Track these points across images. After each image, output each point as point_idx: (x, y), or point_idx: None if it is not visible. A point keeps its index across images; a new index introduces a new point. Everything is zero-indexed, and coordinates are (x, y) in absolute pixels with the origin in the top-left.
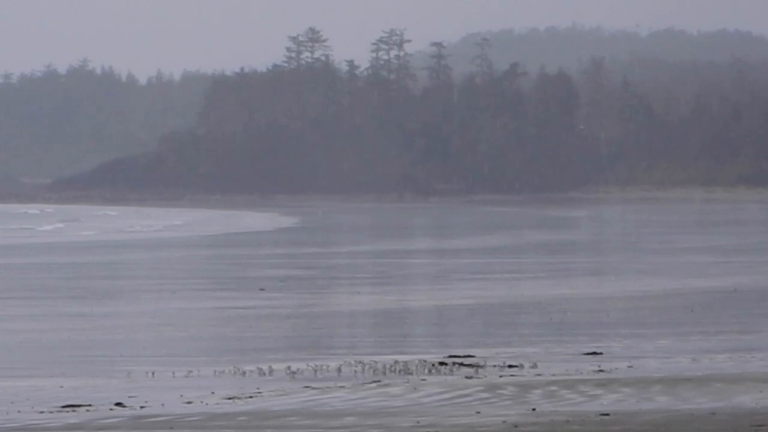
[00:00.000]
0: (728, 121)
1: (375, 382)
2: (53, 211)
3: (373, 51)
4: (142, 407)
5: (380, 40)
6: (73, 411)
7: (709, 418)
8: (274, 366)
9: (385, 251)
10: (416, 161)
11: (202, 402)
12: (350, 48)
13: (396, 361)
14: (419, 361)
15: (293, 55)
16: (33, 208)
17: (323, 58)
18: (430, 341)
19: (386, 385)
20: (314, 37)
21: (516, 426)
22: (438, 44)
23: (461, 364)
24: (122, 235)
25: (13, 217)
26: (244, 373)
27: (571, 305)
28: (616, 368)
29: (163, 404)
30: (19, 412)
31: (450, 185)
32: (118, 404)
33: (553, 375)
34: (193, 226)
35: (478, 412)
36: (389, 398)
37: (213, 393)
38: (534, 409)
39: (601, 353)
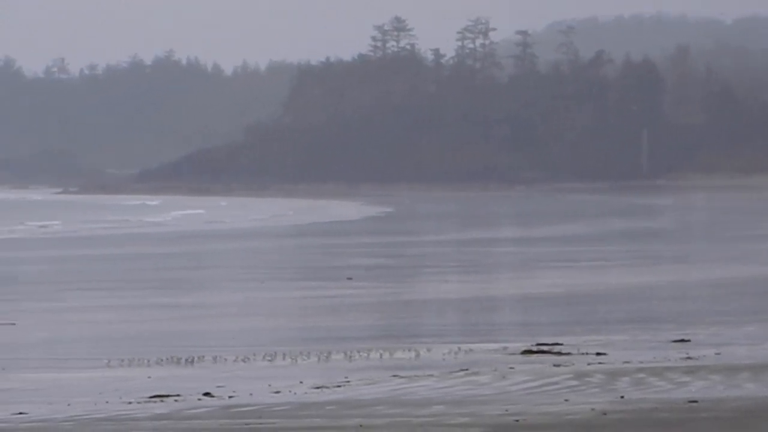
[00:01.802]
0: None
1: (463, 370)
2: (161, 203)
3: (458, 40)
4: (230, 397)
5: (466, 29)
6: (161, 401)
7: None
8: (362, 354)
9: (471, 240)
10: (501, 150)
11: (290, 391)
12: (436, 37)
13: (484, 349)
14: (507, 349)
15: (379, 44)
16: (154, 199)
17: (409, 47)
18: (517, 329)
19: (474, 374)
20: (400, 26)
21: (604, 414)
22: (523, 32)
23: (549, 352)
24: (225, 225)
25: (131, 209)
26: (331, 361)
27: (657, 292)
28: (704, 355)
29: (251, 394)
30: (107, 402)
31: (535, 173)
32: (206, 394)
33: (641, 362)
34: (297, 215)
35: (567, 400)
36: (477, 386)
37: (301, 382)
38: (622, 397)
39: (688, 340)
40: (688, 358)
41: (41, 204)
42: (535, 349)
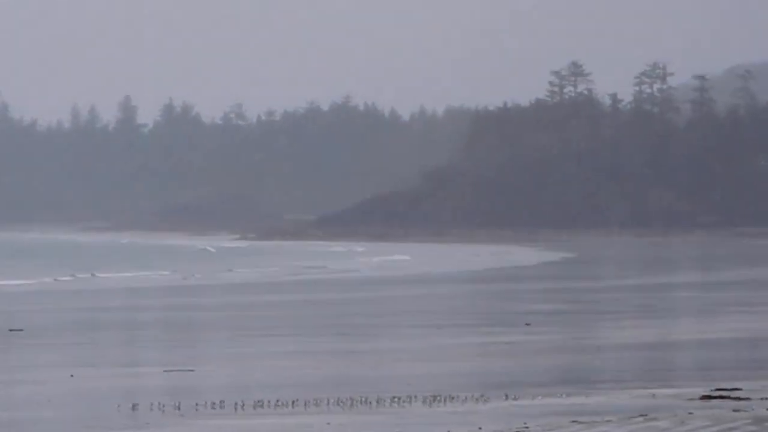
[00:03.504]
0: None
1: (642, 415)
2: (366, 249)
3: (636, 84)
4: None
5: (643, 74)
6: None
7: None
8: (540, 400)
9: (649, 285)
10: (680, 195)
11: None
12: (613, 81)
13: (662, 395)
14: (685, 394)
15: (556, 89)
16: (359, 246)
17: (586, 92)
18: (695, 374)
19: (653, 419)
20: (577, 71)
21: None
22: (701, 77)
23: (728, 398)
24: (410, 271)
25: (339, 255)
26: (510, 407)
27: None
28: None
29: None
30: None
31: (715, 218)
32: None
33: None
34: (494, 260)
35: None
36: None
37: (480, 428)
38: None
39: None
40: None
41: (236, 251)
42: (714, 394)
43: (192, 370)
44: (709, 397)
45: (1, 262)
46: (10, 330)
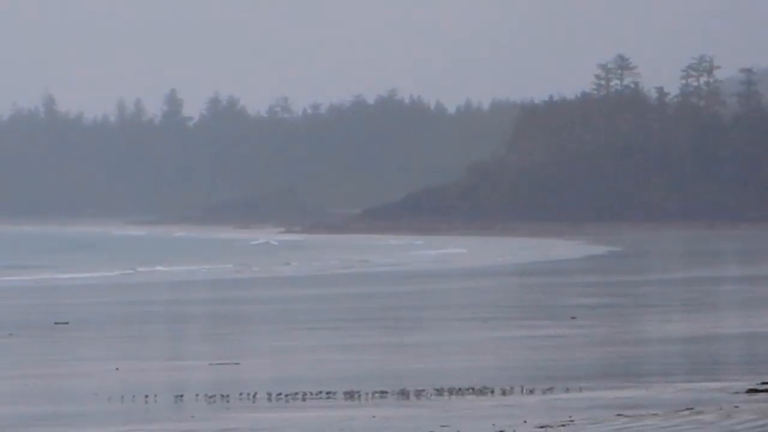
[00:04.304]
0: None
1: (688, 409)
2: (424, 242)
3: (682, 78)
4: None
5: (690, 67)
6: None
7: None
8: (586, 394)
9: (695, 278)
10: (727, 188)
11: (514, 431)
12: (659, 75)
13: (708, 388)
14: (731, 387)
15: (602, 82)
16: (418, 239)
17: (632, 85)
18: (741, 368)
19: (699, 413)
20: (623, 64)
21: None
22: (748, 70)
23: None
24: (456, 264)
25: (396, 248)
26: (556, 400)
27: None
28: None
29: None
30: None
31: (761, 212)
32: None
33: None
34: (540, 253)
35: None
36: (702, 426)
37: (525, 422)
38: None
39: None
40: None
41: (293, 244)
42: (760, 387)
43: (237, 363)
44: (756, 391)
45: (61, 256)
46: (56, 323)
